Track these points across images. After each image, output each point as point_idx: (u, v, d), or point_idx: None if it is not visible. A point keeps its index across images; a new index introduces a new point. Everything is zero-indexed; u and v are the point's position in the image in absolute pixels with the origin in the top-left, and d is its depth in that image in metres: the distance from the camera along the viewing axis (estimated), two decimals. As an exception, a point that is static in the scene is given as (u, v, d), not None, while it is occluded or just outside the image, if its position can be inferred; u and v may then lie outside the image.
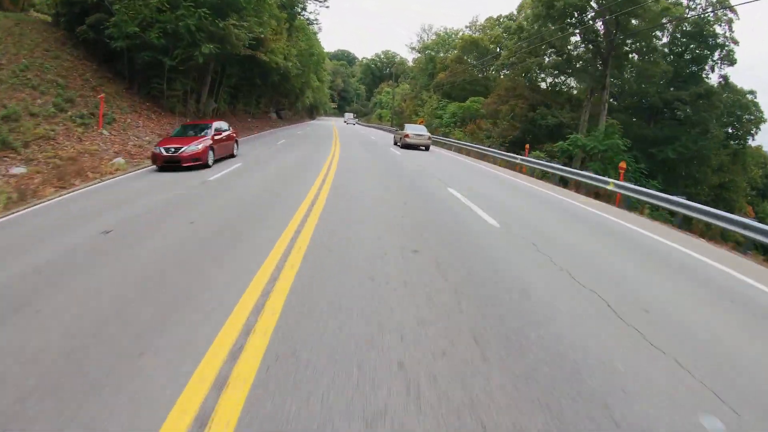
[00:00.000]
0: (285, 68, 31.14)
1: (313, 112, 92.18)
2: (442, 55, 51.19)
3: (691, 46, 28.65)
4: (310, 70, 40.65)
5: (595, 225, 8.22)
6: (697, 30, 27.32)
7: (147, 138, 15.63)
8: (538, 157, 20.51)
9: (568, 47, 28.84)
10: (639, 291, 4.72)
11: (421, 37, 58.91)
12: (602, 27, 25.92)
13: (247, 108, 33.28)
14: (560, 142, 23.56)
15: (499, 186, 12.16)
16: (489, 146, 25.04)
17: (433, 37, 55.01)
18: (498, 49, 40.36)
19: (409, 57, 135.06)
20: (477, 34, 43.72)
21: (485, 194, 10.16)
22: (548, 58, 30.91)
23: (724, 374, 3.16)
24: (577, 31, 26.90)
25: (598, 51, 26.37)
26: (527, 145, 21.40)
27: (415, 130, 21.29)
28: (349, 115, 76.56)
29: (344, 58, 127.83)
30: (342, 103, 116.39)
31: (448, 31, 53.30)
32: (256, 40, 21.96)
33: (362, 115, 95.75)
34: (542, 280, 4.70)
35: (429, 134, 21.70)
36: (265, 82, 32.91)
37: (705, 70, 29.75)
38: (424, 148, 20.78)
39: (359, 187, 9.84)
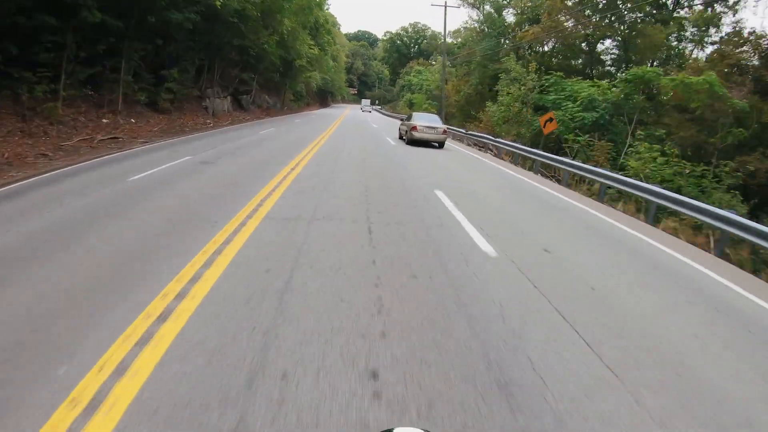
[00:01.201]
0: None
1: (327, 98, 75.15)
2: (521, 3, 30.44)
3: None
4: (283, 14, 20.77)
5: None
6: None
7: None
8: None
9: None
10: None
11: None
12: None
13: (92, 90, 13.22)
14: None
15: None
16: None
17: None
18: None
19: (451, 21, 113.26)
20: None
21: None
22: None
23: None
24: None
25: None
26: None
27: (425, 121, 16.06)
28: (365, 102, 65.92)
29: (365, 38, 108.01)
30: (362, 89, 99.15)
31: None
32: None
33: (386, 102, 76.64)
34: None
35: (444, 126, 16.46)
36: (142, 23, 13.29)
37: None
38: (437, 144, 15.98)
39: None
